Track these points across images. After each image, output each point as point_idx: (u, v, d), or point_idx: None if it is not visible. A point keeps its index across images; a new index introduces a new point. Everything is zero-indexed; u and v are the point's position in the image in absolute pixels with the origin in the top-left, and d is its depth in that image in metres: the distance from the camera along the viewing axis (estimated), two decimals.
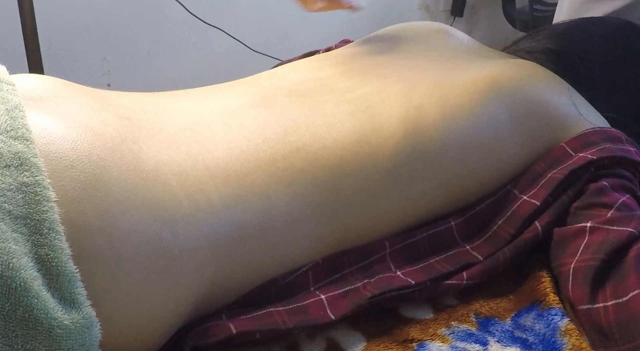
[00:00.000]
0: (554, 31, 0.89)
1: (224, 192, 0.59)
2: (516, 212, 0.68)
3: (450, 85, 0.72)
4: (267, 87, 0.71)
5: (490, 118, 0.70)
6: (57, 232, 0.48)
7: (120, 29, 1.86)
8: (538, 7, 2.05)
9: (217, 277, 0.58)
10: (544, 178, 0.70)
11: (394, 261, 0.66)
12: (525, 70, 0.77)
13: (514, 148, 0.71)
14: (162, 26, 1.92)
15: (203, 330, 0.57)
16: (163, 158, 0.57)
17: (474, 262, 0.66)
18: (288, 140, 0.63)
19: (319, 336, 0.61)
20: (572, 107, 0.74)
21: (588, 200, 0.67)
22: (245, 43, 1.98)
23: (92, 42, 1.84)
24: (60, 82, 0.61)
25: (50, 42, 1.70)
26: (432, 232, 0.68)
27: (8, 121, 0.51)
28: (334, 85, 0.71)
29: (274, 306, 0.60)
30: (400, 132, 0.67)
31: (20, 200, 0.47)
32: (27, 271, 0.46)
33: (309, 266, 0.63)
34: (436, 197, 0.69)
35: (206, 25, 1.90)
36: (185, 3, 1.84)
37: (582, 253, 0.63)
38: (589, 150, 0.70)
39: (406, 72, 0.74)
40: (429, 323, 0.62)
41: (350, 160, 0.65)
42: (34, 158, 0.49)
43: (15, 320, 0.45)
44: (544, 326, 0.61)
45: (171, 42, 1.95)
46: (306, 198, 0.62)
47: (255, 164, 0.61)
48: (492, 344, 0.60)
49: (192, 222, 0.56)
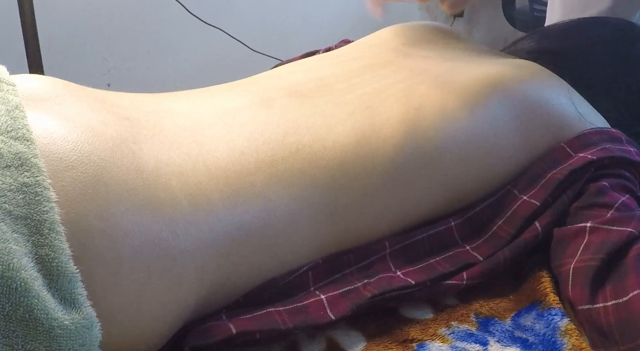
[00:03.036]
0: (553, 31, 0.89)
1: (225, 192, 0.59)
2: (516, 212, 0.68)
3: (450, 86, 0.72)
4: (267, 87, 0.71)
5: (490, 118, 0.71)
6: (57, 233, 0.48)
7: (120, 29, 1.86)
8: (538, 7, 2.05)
9: (217, 277, 0.58)
10: (544, 178, 0.70)
11: (394, 261, 0.66)
12: (525, 71, 0.77)
13: (514, 149, 0.71)
14: (162, 26, 1.92)
15: (203, 330, 0.57)
16: (163, 159, 0.58)
17: (474, 262, 0.66)
18: (288, 141, 0.63)
19: (318, 336, 0.61)
20: (571, 107, 0.74)
21: (588, 200, 0.67)
22: (245, 43, 1.98)
23: (92, 42, 1.84)
24: (61, 82, 0.61)
25: (50, 42, 1.70)
26: (432, 232, 0.68)
27: (8, 121, 0.51)
28: (333, 86, 0.71)
29: (274, 306, 0.60)
30: (400, 133, 0.67)
31: (21, 200, 0.47)
32: (27, 271, 0.46)
33: (309, 266, 0.64)
34: (436, 197, 0.69)
35: (206, 25, 1.90)
36: (185, 3, 1.84)
37: (582, 254, 0.63)
38: (589, 150, 0.70)
39: (406, 73, 0.74)
40: (429, 323, 0.62)
41: (350, 160, 0.65)
42: (35, 159, 0.49)
43: (16, 320, 0.45)
44: (544, 326, 0.61)
45: (171, 42, 1.95)
46: (306, 198, 0.62)
47: (256, 165, 0.61)
48: (492, 344, 0.60)
49: (192, 223, 0.56)
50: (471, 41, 0.88)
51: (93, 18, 1.81)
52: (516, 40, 0.93)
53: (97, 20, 1.81)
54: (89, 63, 1.86)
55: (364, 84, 0.72)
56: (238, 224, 0.59)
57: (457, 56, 0.80)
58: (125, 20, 1.86)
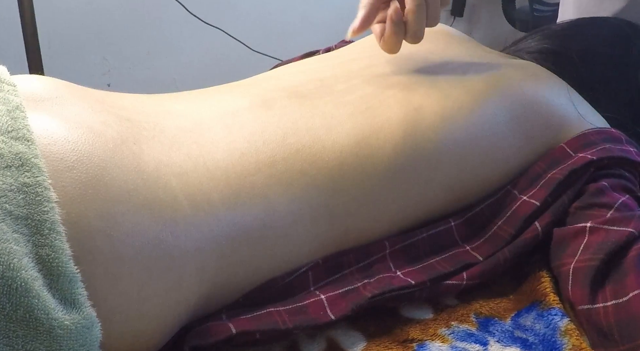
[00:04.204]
0: (553, 31, 0.89)
1: (225, 193, 0.59)
2: (516, 212, 0.68)
3: (450, 86, 0.72)
4: (266, 88, 0.71)
5: (489, 119, 0.71)
6: (57, 233, 0.48)
7: (120, 29, 1.86)
8: (538, 7, 2.05)
9: (217, 278, 0.58)
10: (543, 178, 0.70)
11: (394, 261, 0.66)
12: (525, 71, 0.77)
13: (514, 149, 0.71)
14: (162, 26, 1.92)
15: (203, 330, 0.57)
16: (164, 160, 0.58)
17: (474, 262, 0.67)
18: (288, 142, 0.63)
19: (319, 336, 0.61)
20: (571, 107, 0.74)
21: (588, 200, 0.67)
22: (245, 43, 1.98)
23: (92, 42, 1.84)
24: (62, 83, 0.61)
25: (50, 42, 1.70)
26: (432, 232, 0.69)
27: (9, 122, 0.51)
28: (333, 87, 0.71)
29: (274, 306, 0.60)
30: (400, 134, 0.67)
31: (21, 200, 0.48)
32: (27, 271, 0.46)
33: (309, 267, 0.64)
34: (436, 198, 0.69)
35: (206, 25, 1.90)
36: (185, 3, 1.85)
37: (582, 254, 0.63)
38: (589, 150, 0.70)
39: (406, 73, 0.74)
40: (429, 323, 0.62)
41: (349, 161, 0.65)
42: (35, 159, 0.49)
43: (16, 320, 0.45)
44: (544, 326, 0.61)
45: (171, 42, 1.95)
46: (306, 199, 0.62)
47: (255, 166, 0.61)
48: (492, 344, 0.60)
49: (192, 223, 0.56)
50: (471, 41, 0.88)
51: (93, 18, 1.81)
52: (516, 40, 0.93)
53: (97, 20, 1.81)
54: (89, 63, 1.86)
55: (364, 84, 0.72)
56: (238, 224, 0.59)
57: (457, 56, 0.80)
58: (125, 20, 1.86)
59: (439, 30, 0.87)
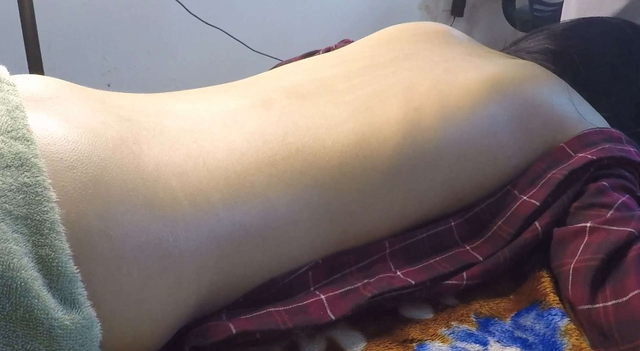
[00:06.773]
0: (553, 31, 0.89)
1: (225, 193, 0.59)
2: (516, 212, 0.69)
3: (450, 86, 0.72)
4: (267, 88, 0.71)
5: (490, 119, 0.71)
6: (57, 233, 0.48)
7: (120, 29, 1.86)
8: (538, 7, 2.05)
9: (217, 278, 0.58)
10: (543, 178, 0.70)
11: (394, 261, 0.66)
12: (525, 71, 0.77)
13: (514, 149, 0.71)
14: (162, 26, 1.92)
15: (203, 330, 0.57)
16: (163, 159, 0.58)
17: (474, 262, 0.67)
18: (288, 141, 0.63)
19: (318, 336, 0.61)
20: (571, 107, 0.74)
21: (588, 200, 0.67)
22: (245, 43, 1.98)
23: (92, 42, 1.84)
24: (61, 82, 0.61)
25: (50, 42, 1.70)
26: (432, 232, 0.69)
27: (9, 121, 0.51)
28: (333, 86, 0.71)
29: (274, 306, 0.60)
30: (400, 133, 0.67)
31: (21, 200, 0.48)
32: (27, 271, 0.46)
33: (309, 266, 0.64)
34: (436, 198, 0.69)
35: (206, 25, 1.90)
36: (185, 3, 1.84)
37: (582, 254, 0.63)
38: (589, 150, 0.70)
39: (406, 73, 0.74)
40: (429, 323, 0.62)
41: (349, 161, 0.65)
42: (35, 159, 0.49)
43: (16, 320, 0.45)
44: (544, 326, 0.61)
45: (171, 42, 1.95)
46: (306, 199, 0.62)
47: (256, 166, 0.61)
48: (492, 344, 0.60)
49: (192, 223, 0.56)
50: (471, 41, 0.88)
51: (93, 18, 1.81)
52: (516, 40, 0.93)
53: (97, 20, 1.81)
54: (89, 63, 1.86)
55: (364, 84, 0.72)
56: (238, 224, 0.59)
57: (457, 56, 0.80)
58: (125, 20, 1.86)
59: (439, 30, 0.87)
